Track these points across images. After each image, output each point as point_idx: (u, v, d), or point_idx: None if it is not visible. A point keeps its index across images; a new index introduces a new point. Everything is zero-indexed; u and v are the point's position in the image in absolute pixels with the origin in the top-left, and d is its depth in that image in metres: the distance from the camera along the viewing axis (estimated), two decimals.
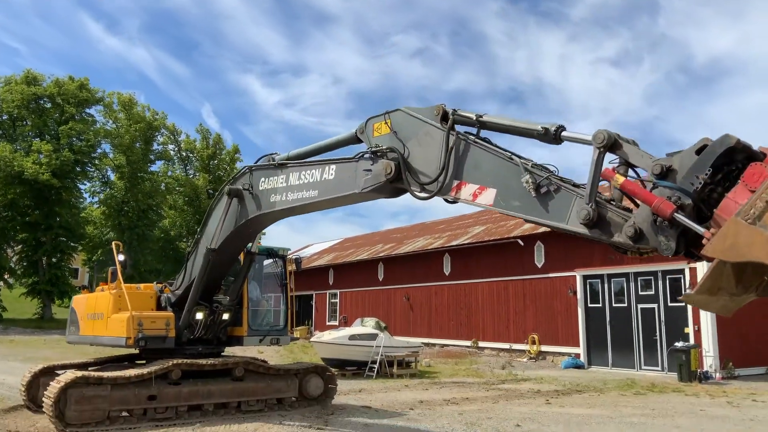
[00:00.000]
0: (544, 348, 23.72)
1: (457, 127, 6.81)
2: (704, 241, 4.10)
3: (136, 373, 9.63)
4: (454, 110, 6.91)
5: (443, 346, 28.16)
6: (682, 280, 19.80)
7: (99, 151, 48.58)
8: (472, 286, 27.54)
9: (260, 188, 9.60)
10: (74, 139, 45.02)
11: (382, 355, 18.11)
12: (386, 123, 7.53)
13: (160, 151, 54.45)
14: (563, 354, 22.76)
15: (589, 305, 22.35)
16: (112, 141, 48.53)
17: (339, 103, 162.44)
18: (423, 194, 7.14)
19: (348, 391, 14.21)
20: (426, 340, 28.35)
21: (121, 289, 10.78)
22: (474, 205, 6.67)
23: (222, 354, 11.60)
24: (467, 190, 6.59)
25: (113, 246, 11.46)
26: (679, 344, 18.07)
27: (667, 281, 20.32)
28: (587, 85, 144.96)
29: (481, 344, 26.64)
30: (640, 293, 20.98)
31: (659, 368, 19.66)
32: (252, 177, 9.82)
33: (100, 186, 51.29)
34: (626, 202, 5.23)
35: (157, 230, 52.62)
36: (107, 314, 10.77)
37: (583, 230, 5.30)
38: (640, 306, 20.87)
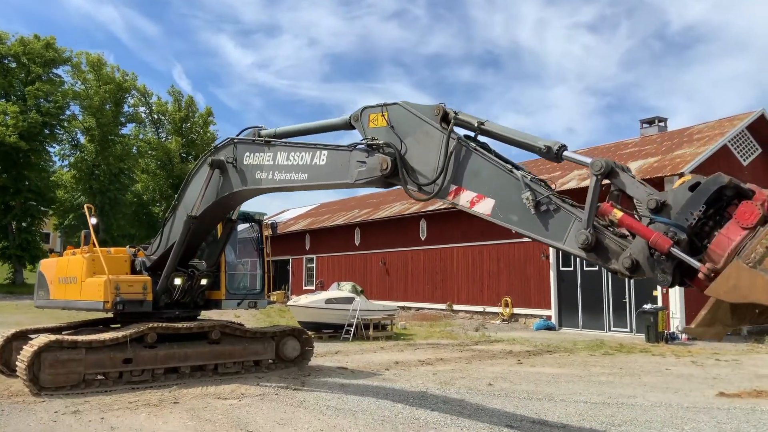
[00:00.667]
0: (516, 311, 24.22)
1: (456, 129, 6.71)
2: (700, 275, 4.40)
3: (111, 337, 9.61)
4: (456, 112, 6.78)
5: (419, 309, 28.58)
6: None
7: (68, 113, 47.46)
8: (447, 251, 27.82)
9: (245, 163, 9.34)
10: (42, 100, 43.80)
11: (358, 318, 18.31)
12: (383, 115, 7.29)
13: (131, 113, 53.33)
14: (535, 316, 23.28)
15: (561, 269, 22.78)
16: (81, 103, 47.30)
17: (314, 65, 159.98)
18: (419, 195, 7.03)
19: (324, 353, 14.39)
20: (402, 304, 28.70)
21: (96, 253, 10.67)
22: (471, 212, 6.55)
23: (198, 318, 11.63)
24: (465, 196, 6.51)
25: (85, 209, 11.27)
26: (647, 306, 18.59)
27: None
28: (564, 49, 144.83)
29: (456, 307, 27.09)
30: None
31: (628, 330, 20.25)
32: (236, 150, 9.50)
33: (69, 149, 50.19)
34: (622, 227, 5.30)
35: (129, 194, 51.89)
36: (81, 278, 10.66)
37: (581, 253, 5.45)
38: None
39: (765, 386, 10.44)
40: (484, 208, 6.35)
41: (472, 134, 6.69)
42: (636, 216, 5.01)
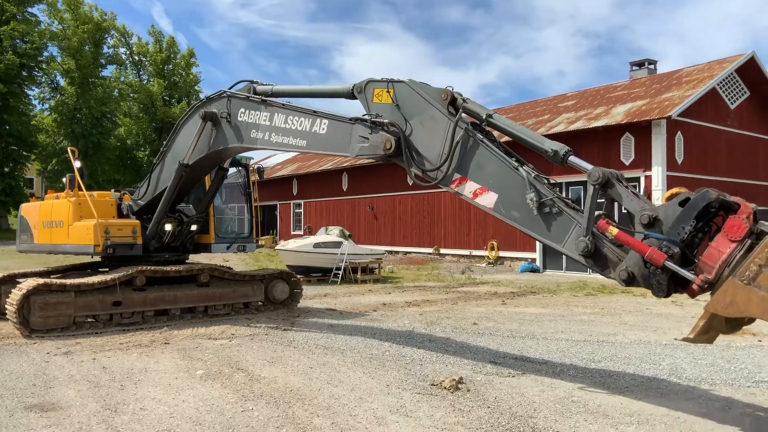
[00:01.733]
0: (502, 254, 24.57)
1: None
2: (694, 286, 4.79)
3: (100, 280, 9.66)
4: (464, 99, 6.62)
5: (406, 253, 28.88)
6: (637, 188, 20.40)
7: (46, 54, 46.07)
8: (434, 196, 27.91)
9: (239, 119, 9.12)
10: (18, 41, 42.35)
11: (346, 262, 18.50)
12: (388, 92, 7.09)
13: (110, 54, 51.89)
14: (520, 259, 23.65)
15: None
16: (59, 44, 45.88)
17: (299, 4, 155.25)
18: (422, 179, 6.93)
19: (313, 296, 14.60)
20: (389, 248, 28.97)
21: (83, 197, 10.59)
22: (473, 203, 6.55)
23: (187, 261, 11.69)
24: (469, 187, 6.49)
25: (69, 152, 11.11)
26: None
27: None
28: None
29: (443, 251, 27.41)
30: (597, 200, 21.60)
31: None
32: (230, 105, 9.24)
33: (49, 92, 49.01)
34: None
35: (113, 139, 51.07)
36: (68, 222, 10.61)
37: (580, 259, 5.67)
38: (596, 213, 21.56)
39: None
40: (487, 201, 6.38)
41: (478, 120, 6.59)
42: (631, 229, 5.25)
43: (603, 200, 5.70)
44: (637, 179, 20.46)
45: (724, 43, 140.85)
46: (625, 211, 5.52)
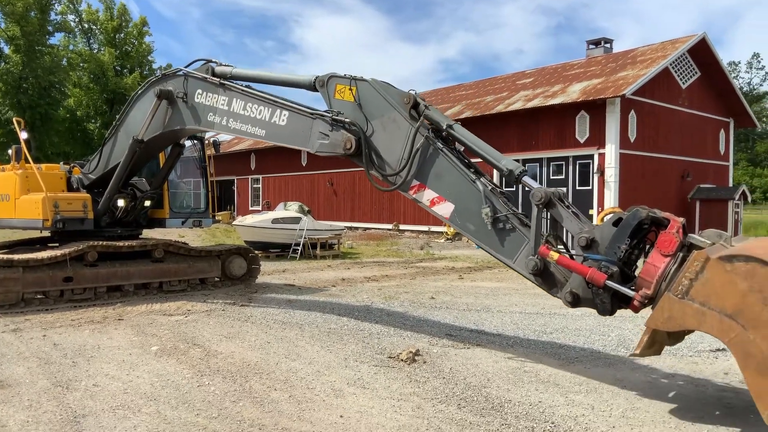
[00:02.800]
0: None
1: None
2: (635, 302, 5.01)
3: (50, 255, 9.38)
4: (426, 106, 6.57)
5: (366, 229, 28.95)
6: (591, 165, 20.92)
7: None
8: None
9: (196, 100, 8.83)
10: None
11: (305, 238, 18.43)
12: (351, 90, 6.96)
13: (58, 22, 49.66)
14: None
15: (504, 189, 23.33)
16: (2, 9, 43.57)
17: None
18: (381, 183, 6.90)
19: (272, 272, 14.53)
20: (349, 224, 28.98)
21: (30, 169, 10.22)
22: (430, 212, 6.59)
23: (140, 237, 11.44)
24: (427, 195, 6.53)
25: (15, 122, 10.66)
26: None
27: (577, 166, 21.41)
28: None
29: (402, 227, 27.58)
30: (552, 177, 22.08)
31: (563, 250, 21.13)
32: (187, 84, 8.93)
33: None
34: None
35: (62, 110, 49.17)
36: (14, 195, 10.25)
37: (530, 277, 5.83)
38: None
39: None
40: (444, 210, 6.46)
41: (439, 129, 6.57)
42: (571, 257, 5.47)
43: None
44: (591, 157, 20.94)
45: (680, 24, 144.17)
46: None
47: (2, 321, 8.42)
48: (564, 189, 21.45)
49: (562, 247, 5.84)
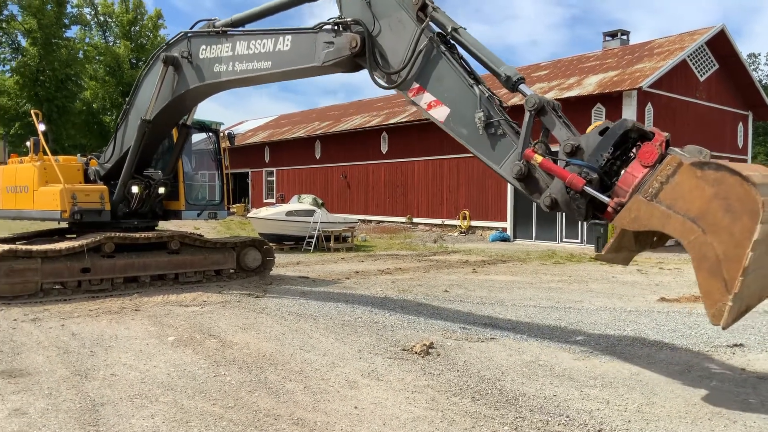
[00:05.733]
0: (474, 223, 24.81)
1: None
2: (609, 208, 5.08)
3: (68, 246, 9.49)
4: (434, 8, 6.62)
5: (379, 222, 28.96)
6: None
7: (6, 13, 44.09)
8: (408, 165, 27.90)
9: (201, 57, 9.04)
10: None
11: (319, 231, 18.48)
12: None
13: (74, 14, 49.88)
14: (492, 228, 23.92)
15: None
16: (19, 2, 43.95)
17: None
18: (382, 82, 7.00)
19: (286, 264, 14.59)
20: (363, 217, 29.00)
21: (48, 161, 10.34)
22: (426, 115, 6.67)
23: (156, 228, 11.54)
24: (425, 98, 6.64)
25: (33, 115, 10.79)
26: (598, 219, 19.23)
27: None
28: None
29: (416, 220, 27.55)
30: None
31: (579, 241, 21.06)
32: (190, 45, 9.19)
33: (10, 53, 47.03)
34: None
35: (78, 102, 49.53)
36: (33, 187, 10.37)
37: (513, 182, 5.97)
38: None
39: None
40: (440, 114, 6.56)
41: (444, 33, 6.66)
42: (557, 159, 5.52)
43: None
44: None
45: (697, 16, 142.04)
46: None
47: (21, 311, 8.55)
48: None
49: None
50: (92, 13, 53.66)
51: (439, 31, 6.70)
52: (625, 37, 27.37)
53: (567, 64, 26.97)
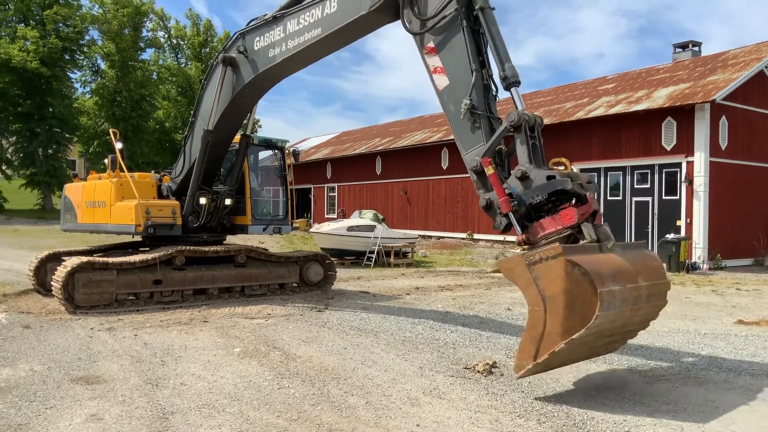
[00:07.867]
0: None
1: None
2: (516, 239, 6.07)
3: (141, 259, 9.92)
4: None
5: (439, 238, 28.82)
6: (678, 174, 19.93)
7: (87, 38, 46.93)
8: (469, 180, 27.37)
9: (255, 49, 9.62)
10: (60, 24, 43.29)
11: (379, 246, 18.57)
12: None
13: (149, 38, 52.56)
14: None
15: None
16: (99, 27, 46.74)
17: None
18: (407, 23, 7.36)
19: (347, 279, 14.72)
20: (423, 233, 28.95)
21: (124, 177, 10.87)
22: (429, 77, 7.04)
23: (224, 242, 11.90)
24: (434, 60, 7.05)
25: (111, 133, 11.40)
26: (669, 236, 18.51)
27: (663, 175, 20.45)
28: None
29: (476, 236, 27.26)
30: (636, 186, 21.19)
31: None
32: (245, 41, 9.82)
33: (90, 75, 50.01)
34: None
35: (151, 121, 51.97)
36: (110, 202, 10.91)
37: (470, 171, 6.59)
38: (634, 199, 21.17)
39: None
40: (440, 82, 7.02)
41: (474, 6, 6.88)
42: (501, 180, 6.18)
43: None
44: (679, 165, 19.95)
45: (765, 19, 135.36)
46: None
47: (97, 320, 8.97)
48: (648, 198, 20.56)
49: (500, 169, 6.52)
50: (166, 36, 56.39)
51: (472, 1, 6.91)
52: (696, 48, 26.37)
53: (635, 76, 26.19)
